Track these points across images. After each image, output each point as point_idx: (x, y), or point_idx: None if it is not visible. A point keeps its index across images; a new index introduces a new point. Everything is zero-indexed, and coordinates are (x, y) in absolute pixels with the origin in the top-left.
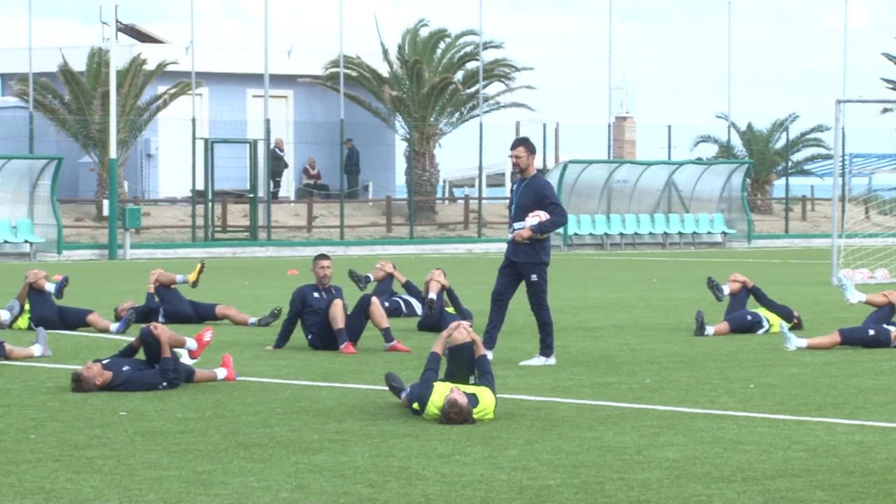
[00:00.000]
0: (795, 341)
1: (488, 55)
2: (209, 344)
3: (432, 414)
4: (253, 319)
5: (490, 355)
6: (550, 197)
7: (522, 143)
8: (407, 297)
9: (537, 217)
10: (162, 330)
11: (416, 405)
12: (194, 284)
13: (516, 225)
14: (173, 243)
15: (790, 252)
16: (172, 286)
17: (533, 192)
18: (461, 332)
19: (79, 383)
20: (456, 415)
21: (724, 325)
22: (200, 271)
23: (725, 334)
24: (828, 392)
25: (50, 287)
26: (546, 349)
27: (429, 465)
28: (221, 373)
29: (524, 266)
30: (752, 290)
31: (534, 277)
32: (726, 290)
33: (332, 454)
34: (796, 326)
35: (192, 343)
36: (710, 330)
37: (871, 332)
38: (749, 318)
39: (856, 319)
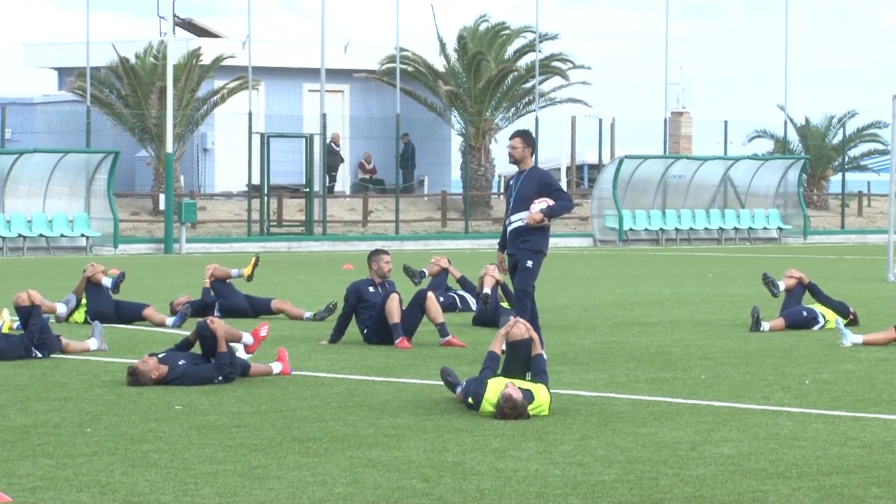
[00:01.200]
0: (851, 337)
1: (545, 50)
2: (265, 339)
3: (487, 411)
4: (308, 314)
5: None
6: (554, 184)
7: (521, 134)
8: (462, 292)
9: (545, 202)
10: (218, 324)
11: (470, 400)
12: (249, 278)
13: (518, 215)
14: (229, 237)
15: (846, 248)
16: (228, 280)
17: (534, 181)
18: (519, 327)
19: (134, 377)
20: (510, 409)
21: (779, 321)
22: (255, 265)
23: (781, 330)
24: (884, 388)
25: (107, 281)
26: None
27: (483, 461)
28: (277, 367)
29: (523, 253)
30: (808, 287)
31: (529, 263)
32: (782, 286)
33: (387, 449)
34: (852, 322)
35: (248, 338)
36: (765, 326)
37: None
38: (805, 314)
39: None
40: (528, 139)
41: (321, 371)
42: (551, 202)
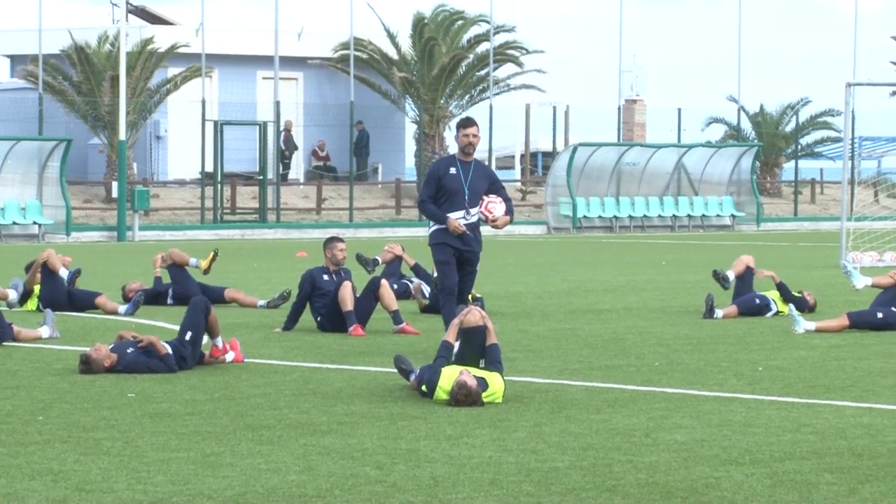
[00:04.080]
0: (804, 324)
1: (499, 38)
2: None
3: (441, 399)
4: (261, 302)
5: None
6: (499, 181)
7: (476, 123)
8: (416, 279)
9: (501, 203)
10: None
11: (424, 388)
12: (206, 271)
13: (473, 210)
14: (182, 225)
15: (799, 235)
16: (185, 267)
17: (485, 177)
18: (474, 315)
19: (87, 365)
20: (464, 397)
21: (732, 309)
22: (213, 259)
23: (734, 317)
24: (836, 375)
25: (63, 273)
26: None
27: (437, 448)
28: (229, 356)
29: (474, 255)
30: (778, 286)
31: (477, 266)
32: (731, 275)
33: (341, 436)
34: (809, 309)
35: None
36: (718, 313)
37: (880, 315)
38: (758, 301)
39: (865, 302)
40: None
41: (275, 359)
42: (501, 202)
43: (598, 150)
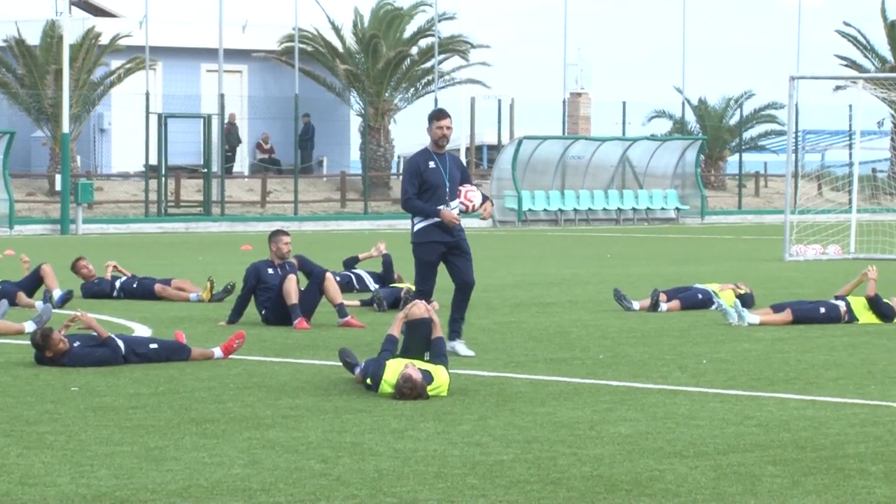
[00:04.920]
0: (749, 317)
1: (444, 31)
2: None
3: (386, 392)
4: (194, 295)
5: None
6: (467, 170)
7: (449, 114)
8: (359, 271)
9: (476, 190)
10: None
11: (368, 381)
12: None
13: (454, 202)
14: (126, 218)
15: (743, 228)
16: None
17: (458, 168)
18: (419, 308)
19: (44, 341)
20: (409, 390)
21: (676, 303)
22: (212, 289)
23: (678, 311)
24: (780, 367)
25: (57, 293)
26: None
27: (382, 441)
28: (218, 352)
29: (464, 242)
30: (742, 297)
31: (470, 251)
32: (636, 305)
33: (285, 430)
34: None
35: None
36: (663, 307)
37: (822, 309)
38: (700, 296)
39: (810, 295)
40: None
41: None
42: (477, 190)
43: (543, 144)
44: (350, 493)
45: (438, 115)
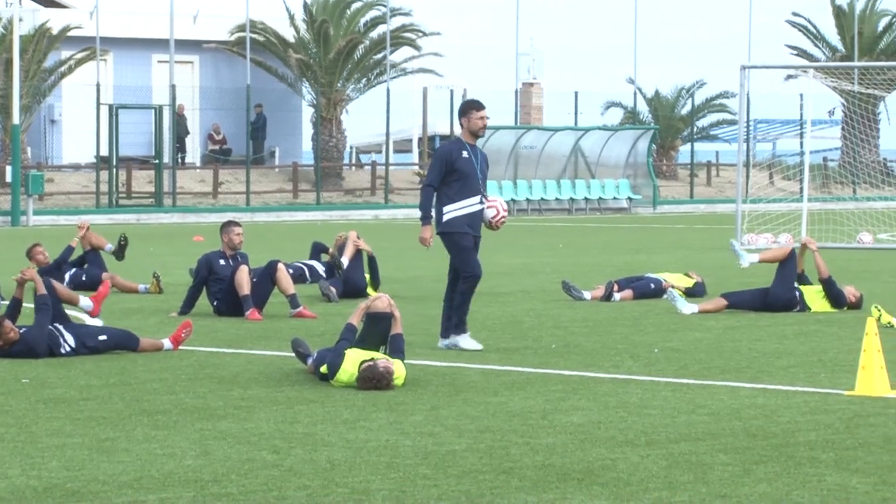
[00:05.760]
0: (688, 307)
1: (395, 21)
2: (106, 295)
3: (341, 381)
4: (143, 287)
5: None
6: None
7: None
8: (310, 262)
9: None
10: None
11: (324, 369)
12: (119, 258)
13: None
14: (77, 209)
15: (695, 217)
16: (100, 251)
17: (485, 160)
18: (382, 301)
19: None
20: (379, 380)
21: (628, 293)
22: (124, 245)
23: (630, 300)
24: (731, 356)
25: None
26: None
27: (334, 432)
28: (167, 343)
29: (479, 241)
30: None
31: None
32: (587, 295)
33: (237, 421)
34: (698, 293)
35: (86, 301)
36: (616, 296)
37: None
38: (652, 286)
39: (764, 281)
40: None
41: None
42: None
43: (495, 134)
44: (302, 483)
45: (478, 105)
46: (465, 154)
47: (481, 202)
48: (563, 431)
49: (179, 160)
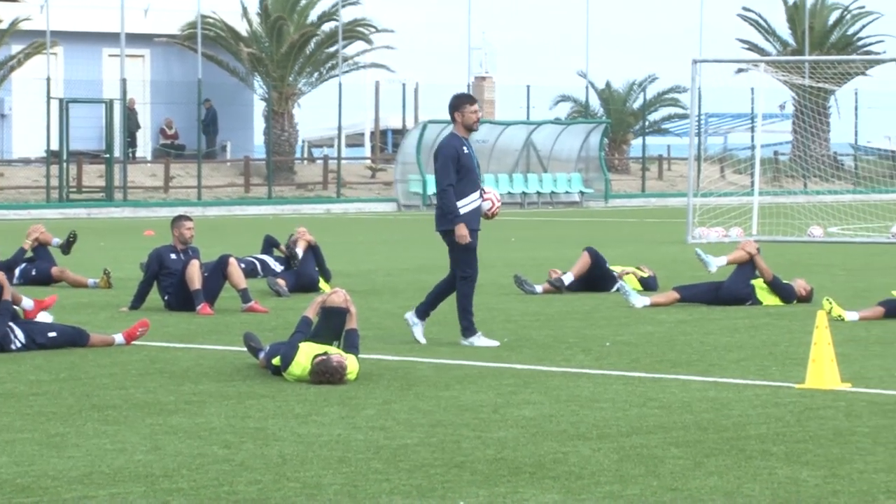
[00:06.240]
0: (640, 300)
1: (347, 15)
2: (49, 307)
3: (294, 374)
4: (92, 281)
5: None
6: None
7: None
8: (262, 256)
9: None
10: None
11: (276, 360)
12: (66, 252)
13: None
14: (27, 204)
15: (647, 211)
16: (47, 246)
17: (476, 152)
18: (339, 296)
19: None
20: (332, 375)
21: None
22: (72, 241)
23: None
24: (682, 349)
25: None
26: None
27: (285, 426)
28: (119, 338)
29: (477, 236)
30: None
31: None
32: (538, 288)
33: (188, 415)
34: (646, 287)
35: (28, 303)
36: (568, 276)
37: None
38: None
39: (712, 277)
40: None
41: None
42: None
43: (447, 128)
44: (253, 478)
45: (471, 99)
46: (465, 150)
47: (480, 196)
48: (514, 425)
49: (130, 154)
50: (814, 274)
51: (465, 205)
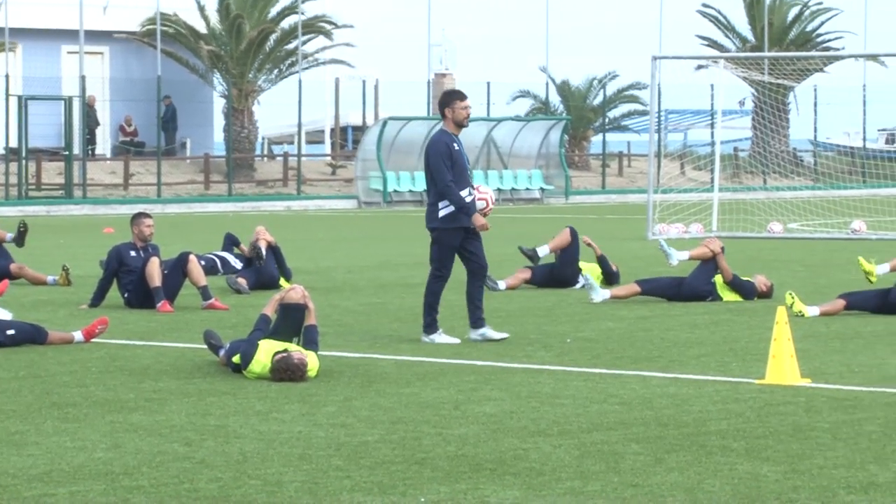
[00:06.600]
0: (601, 293)
1: (308, 11)
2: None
3: (254, 372)
4: (51, 278)
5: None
6: None
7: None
8: (222, 253)
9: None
10: None
11: (236, 358)
12: (20, 245)
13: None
14: None
15: (607, 208)
16: (1, 243)
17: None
18: (297, 292)
19: None
20: (293, 373)
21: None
22: (23, 232)
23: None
24: (643, 346)
25: None
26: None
27: (246, 423)
28: (78, 336)
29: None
30: (599, 259)
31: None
32: (501, 285)
33: (149, 413)
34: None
35: None
36: (543, 250)
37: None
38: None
39: (673, 273)
40: None
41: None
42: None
43: (408, 125)
44: (214, 475)
45: (461, 95)
46: (455, 146)
47: (470, 193)
48: (475, 422)
49: (89, 152)
50: (774, 270)
51: (453, 206)
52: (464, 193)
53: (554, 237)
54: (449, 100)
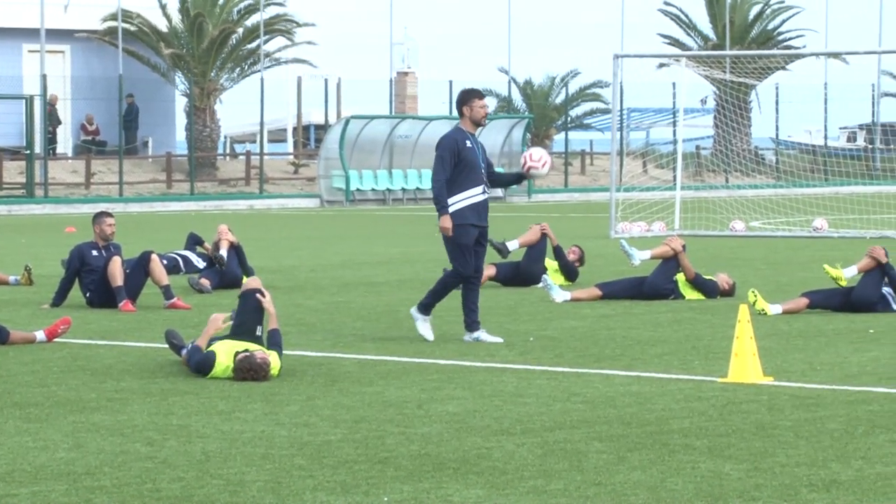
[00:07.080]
0: (560, 294)
1: (269, 10)
2: None
3: (217, 375)
4: (13, 278)
5: (484, 335)
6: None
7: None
8: (185, 252)
9: (536, 152)
10: None
11: (196, 370)
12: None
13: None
14: None
15: (570, 206)
16: None
17: (484, 150)
18: (255, 281)
19: None
20: (257, 372)
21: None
22: (30, 276)
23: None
24: (606, 344)
25: None
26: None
27: (209, 423)
28: (40, 335)
29: (486, 230)
30: (555, 249)
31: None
32: (514, 244)
33: (111, 413)
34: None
35: None
36: (512, 244)
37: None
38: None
39: (634, 272)
40: None
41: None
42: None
43: (370, 123)
44: (176, 475)
45: (479, 94)
46: (468, 143)
47: (484, 192)
48: (438, 421)
49: (51, 151)
50: (736, 268)
51: (466, 198)
52: (475, 191)
53: (525, 233)
54: (467, 98)
